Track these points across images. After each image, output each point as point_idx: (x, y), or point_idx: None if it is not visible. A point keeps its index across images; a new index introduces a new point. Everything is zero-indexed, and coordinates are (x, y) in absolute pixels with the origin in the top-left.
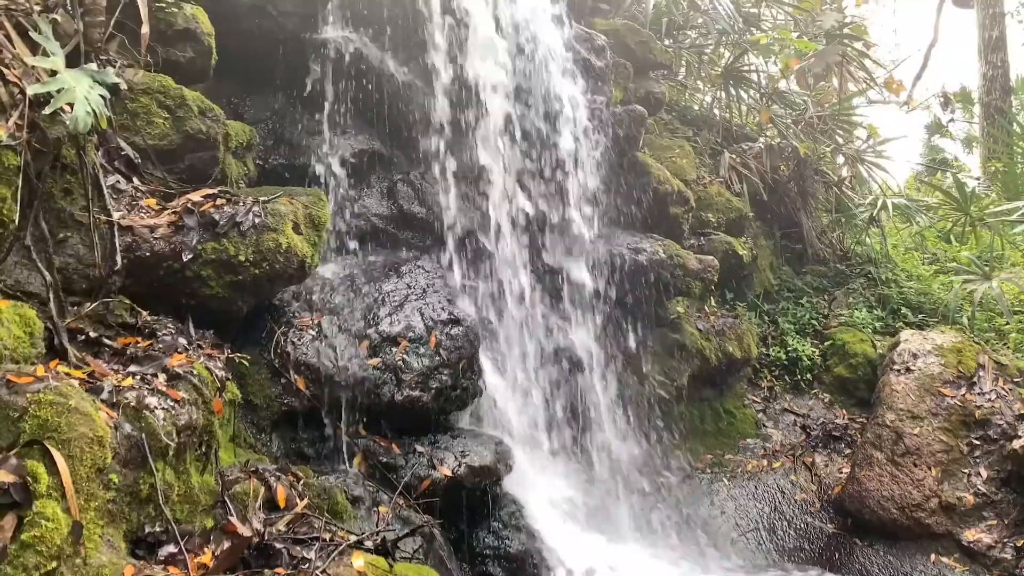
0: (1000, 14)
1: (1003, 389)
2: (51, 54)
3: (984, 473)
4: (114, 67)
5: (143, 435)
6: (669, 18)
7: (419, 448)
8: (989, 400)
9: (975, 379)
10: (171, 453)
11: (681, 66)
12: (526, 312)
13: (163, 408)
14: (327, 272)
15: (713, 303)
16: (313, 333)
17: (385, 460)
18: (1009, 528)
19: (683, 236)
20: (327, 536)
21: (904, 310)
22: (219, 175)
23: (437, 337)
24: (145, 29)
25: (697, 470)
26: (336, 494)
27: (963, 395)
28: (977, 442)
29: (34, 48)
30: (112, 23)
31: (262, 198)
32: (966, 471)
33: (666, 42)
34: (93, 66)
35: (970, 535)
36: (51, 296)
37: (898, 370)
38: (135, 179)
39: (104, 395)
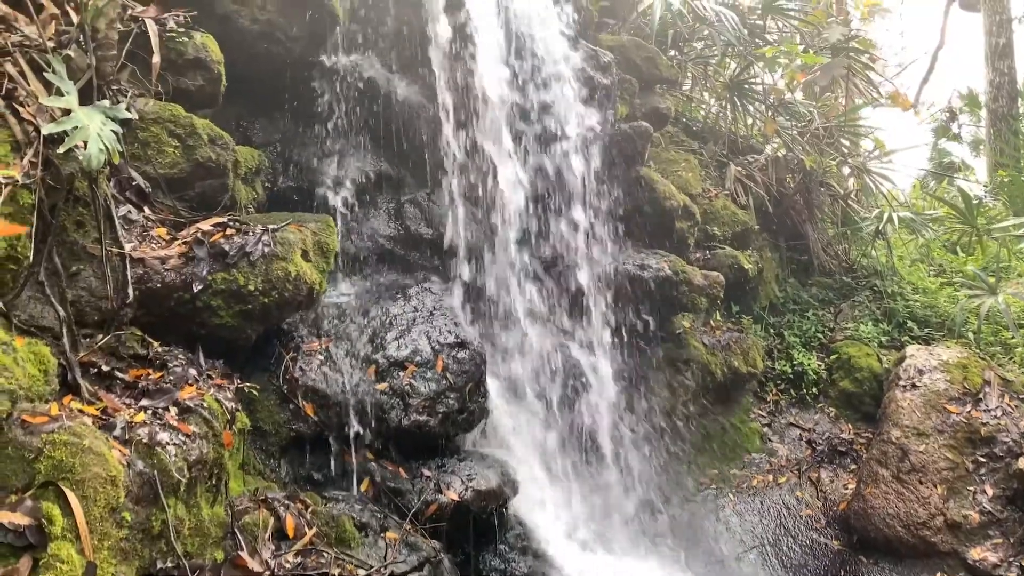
0: (1007, 20)
1: (1009, 406)
2: (65, 93)
3: (990, 491)
4: (125, 97)
5: (155, 472)
6: (674, 30)
7: (426, 472)
8: (995, 417)
9: (981, 395)
10: (182, 488)
11: (687, 78)
12: (532, 330)
13: (174, 444)
14: (336, 295)
15: (719, 317)
16: (321, 358)
17: (392, 485)
18: (1015, 547)
19: (688, 250)
20: (336, 572)
21: (910, 324)
22: (228, 201)
23: (444, 361)
24: (156, 59)
25: (703, 485)
26: (344, 522)
27: (969, 412)
28: (983, 459)
29: (48, 85)
30: (123, 54)
31: (271, 226)
32: (972, 489)
33: (671, 53)
34: (106, 102)
35: (975, 554)
36: (64, 331)
37: (904, 386)
38: (146, 208)
39: (117, 432)
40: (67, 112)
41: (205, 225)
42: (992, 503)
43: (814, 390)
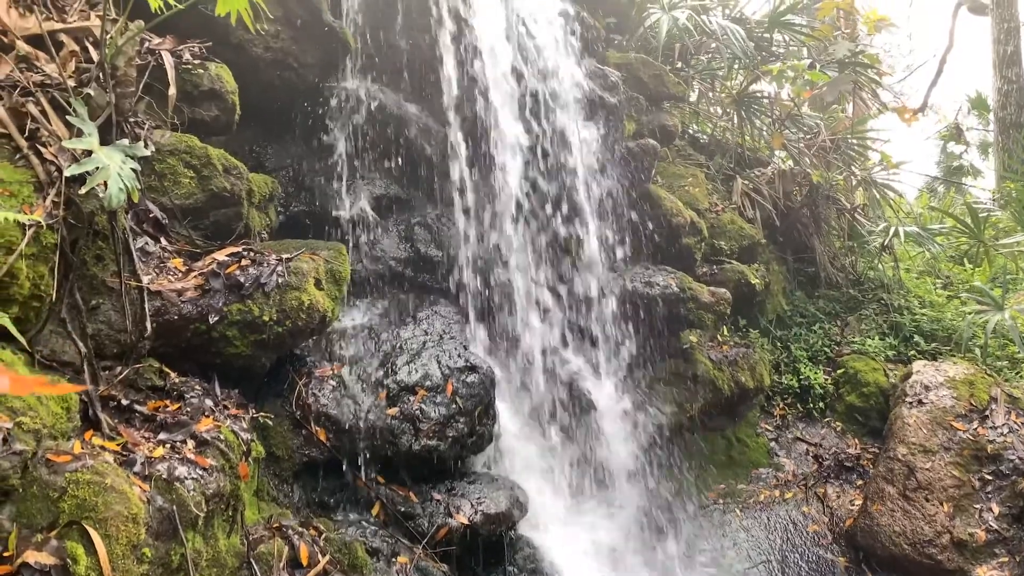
0: (1015, 28)
1: (1016, 423)
2: (86, 134)
3: (996, 509)
4: (143, 129)
5: (174, 507)
6: (681, 44)
7: (436, 496)
8: (1001, 434)
9: (987, 412)
10: (200, 522)
11: (693, 91)
12: (539, 348)
13: (192, 478)
14: (347, 319)
15: (726, 331)
16: (333, 384)
17: (403, 509)
18: (1021, 565)
19: (695, 265)
20: None
21: (917, 338)
22: (243, 229)
23: (454, 385)
24: (172, 91)
25: (709, 500)
26: (356, 548)
27: (975, 429)
28: (989, 477)
29: (69, 124)
30: (140, 87)
31: (285, 255)
32: (978, 507)
33: (678, 65)
34: (125, 141)
35: (982, 572)
36: (85, 366)
37: (910, 403)
38: (162, 239)
39: (137, 467)
40: (88, 153)
41: (220, 255)
42: (998, 521)
43: (821, 404)
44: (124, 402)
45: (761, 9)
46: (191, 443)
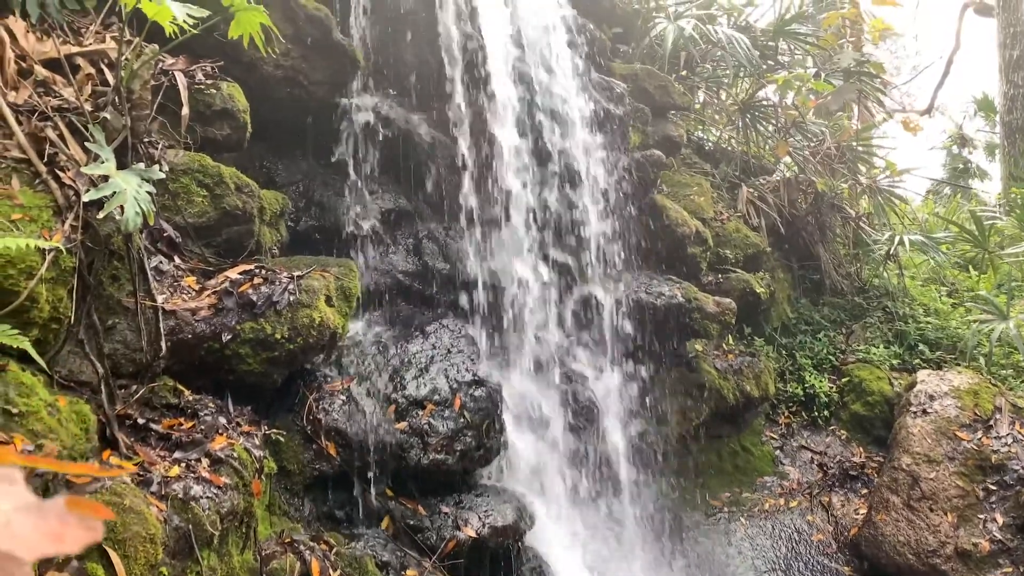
0: (1021, 32)
1: (1020, 433)
2: (103, 159)
3: (1000, 519)
4: (156, 149)
5: (190, 526)
6: (687, 52)
7: (444, 509)
8: (1006, 444)
9: (992, 422)
10: (215, 540)
11: (698, 99)
12: (545, 359)
13: (207, 497)
14: (356, 332)
15: (731, 340)
16: (343, 398)
17: (412, 522)
18: None
19: (701, 274)
20: None
21: (921, 346)
22: (254, 246)
23: (462, 399)
24: (185, 111)
25: (715, 509)
26: (367, 563)
27: (979, 439)
28: (993, 487)
29: (87, 148)
30: (155, 107)
31: (296, 273)
32: (982, 517)
33: (683, 73)
34: (141, 165)
35: None
36: (102, 386)
37: (914, 412)
38: (176, 257)
39: (154, 487)
40: (105, 178)
41: (233, 273)
42: (1002, 531)
43: (825, 413)
44: (140, 421)
45: (766, 18)
46: (206, 461)
